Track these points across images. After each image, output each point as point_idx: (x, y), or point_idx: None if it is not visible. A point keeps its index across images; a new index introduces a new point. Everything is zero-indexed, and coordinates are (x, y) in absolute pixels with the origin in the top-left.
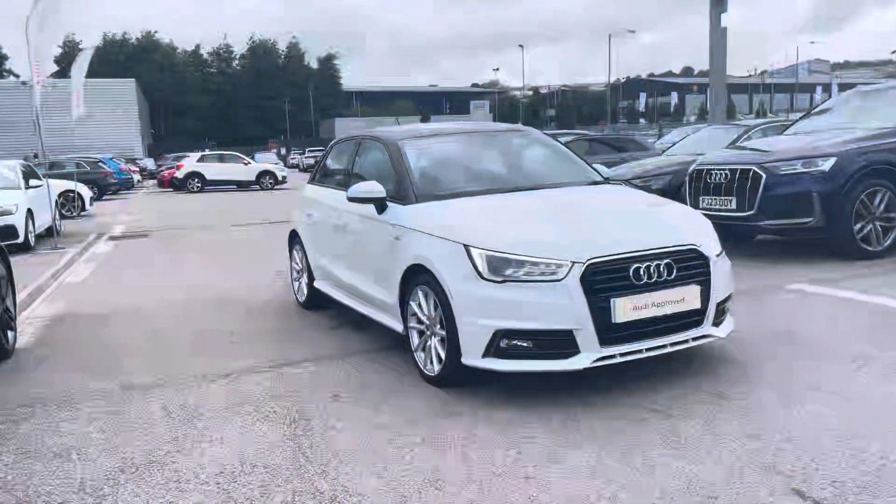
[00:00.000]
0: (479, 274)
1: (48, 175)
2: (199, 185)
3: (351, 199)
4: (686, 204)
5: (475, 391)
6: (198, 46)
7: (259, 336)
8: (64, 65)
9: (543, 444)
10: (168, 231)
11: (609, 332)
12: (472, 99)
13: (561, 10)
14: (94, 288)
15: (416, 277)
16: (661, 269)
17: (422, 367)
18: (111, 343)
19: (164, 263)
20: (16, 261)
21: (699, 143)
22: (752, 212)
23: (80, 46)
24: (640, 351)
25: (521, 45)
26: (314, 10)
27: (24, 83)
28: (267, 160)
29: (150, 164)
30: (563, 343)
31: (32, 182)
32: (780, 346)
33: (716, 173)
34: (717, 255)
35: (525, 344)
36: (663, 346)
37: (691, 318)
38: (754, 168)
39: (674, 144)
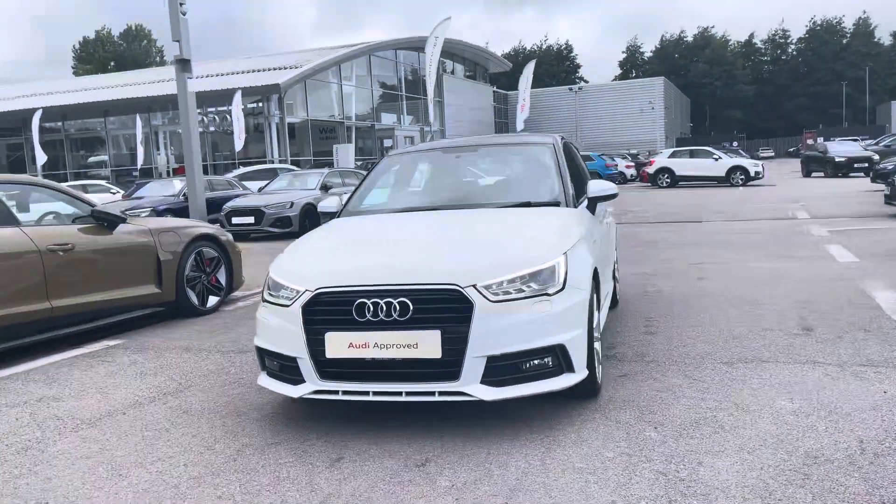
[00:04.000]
0: (264, 292)
1: None
2: (668, 180)
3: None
4: None
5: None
6: (751, 36)
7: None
8: (626, 67)
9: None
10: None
11: (326, 366)
12: None
13: None
14: None
15: None
16: (394, 308)
17: None
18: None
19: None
20: None
21: None
22: None
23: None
24: (367, 393)
25: None
26: None
27: (570, 89)
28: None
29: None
30: (292, 369)
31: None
32: None
33: None
34: (509, 301)
35: (273, 364)
36: (398, 394)
37: (436, 369)
38: None
39: None
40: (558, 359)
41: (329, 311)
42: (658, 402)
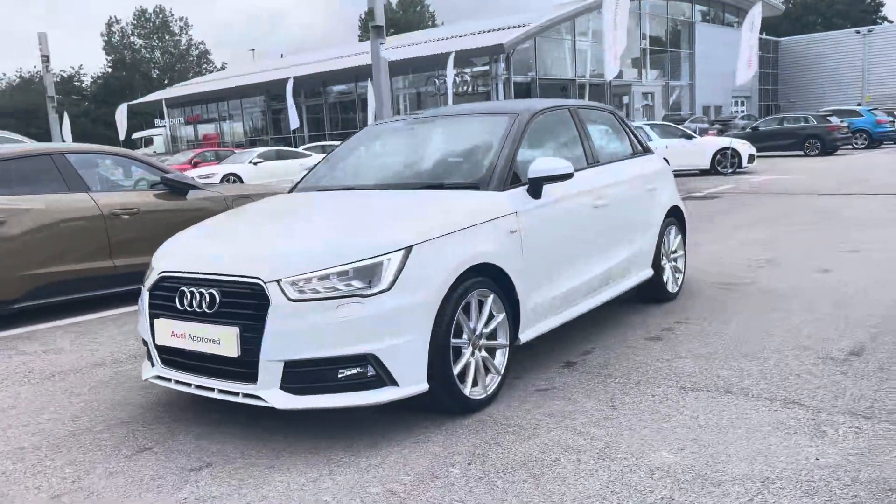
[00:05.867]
0: None
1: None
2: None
3: None
4: None
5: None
6: None
7: None
8: None
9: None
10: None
11: (161, 352)
12: None
13: None
14: None
15: None
16: (205, 299)
17: None
18: None
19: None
20: None
21: None
22: None
23: None
24: (189, 385)
25: None
26: None
27: (857, 31)
28: None
29: None
30: (147, 352)
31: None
32: None
33: None
34: (314, 300)
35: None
36: (211, 389)
37: (236, 369)
38: None
39: None
40: (376, 369)
41: (162, 296)
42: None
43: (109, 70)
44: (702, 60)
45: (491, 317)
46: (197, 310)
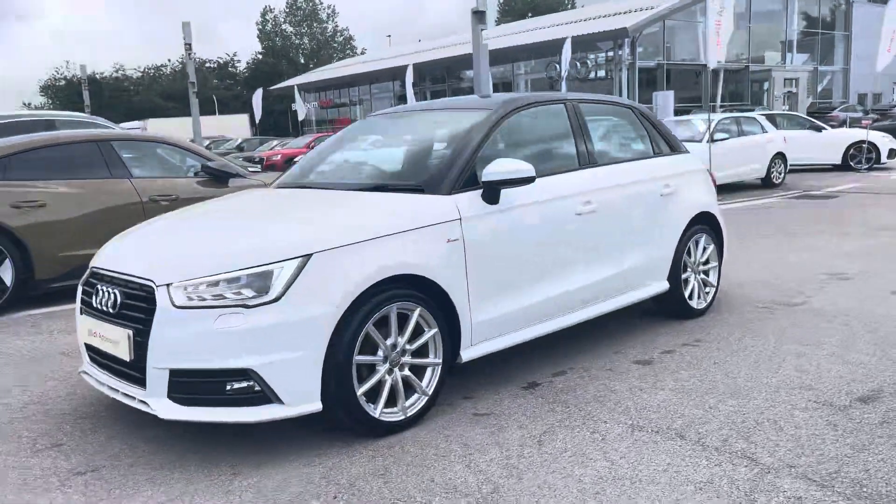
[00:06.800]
0: None
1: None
2: None
3: None
4: None
5: None
6: None
7: None
8: None
9: None
10: None
11: (85, 347)
12: None
13: None
14: None
15: None
16: (110, 299)
17: None
18: None
19: None
20: None
21: None
22: None
23: None
24: (104, 385)
25: None
26: None
27: None
28: None
29: None
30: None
31: (720, 136)
32: None
33: None
34: (198, 308)
35: None
36: (116, 391)
37: (132, 373)
38: None
39: None
40: (261, 385)
41: (87, 291)
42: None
43: (260, 56)
44: (859, 43)
45: (420, 332)
46: (104, 309)
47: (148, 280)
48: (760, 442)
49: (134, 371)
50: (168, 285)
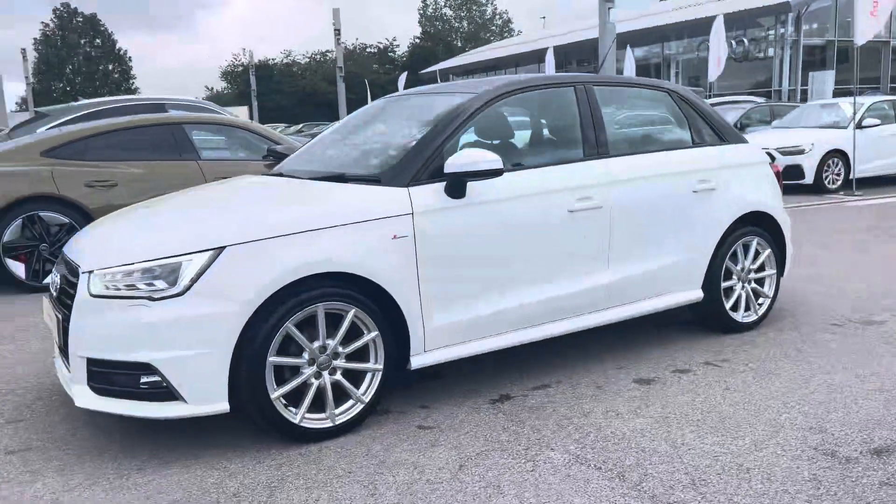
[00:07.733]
0: None
1: None
2: None
3: None
4: None
5: None
6: None
7: None
8: None
9: None
10: None
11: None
12: None
13: None
14: None
15: None
16: (56, 282)
17: None
18: None
19: None
20: None
21: None
22: None
23: None
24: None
25: None
26: None
27: None
28: None
29: None
30: None
31: (870, 122)
32: None
33: None
34: (109, 297)
35: None
36: (59, 373)
37: (64, 357)
38: None
39: None
40: (164, 381)
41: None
42: None
43: (418, 41)
44: None
45: (357, 335)
46: (51, 292)
47: (77, 266)
48: (711, 494)
49: (65, 356)
50: (90, 273)
